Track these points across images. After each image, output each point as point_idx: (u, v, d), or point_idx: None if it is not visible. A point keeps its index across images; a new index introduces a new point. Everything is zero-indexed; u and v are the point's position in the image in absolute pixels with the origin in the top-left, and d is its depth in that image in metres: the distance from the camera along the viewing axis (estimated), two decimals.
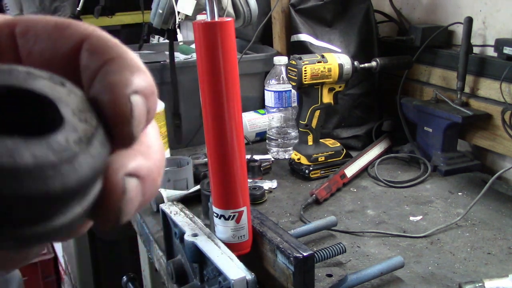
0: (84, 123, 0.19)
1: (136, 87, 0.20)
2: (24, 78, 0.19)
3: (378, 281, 0.80)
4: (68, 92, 0.20)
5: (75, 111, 0.19)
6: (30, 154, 0.17)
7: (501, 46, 1.13)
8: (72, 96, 0.20)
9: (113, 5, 2.54)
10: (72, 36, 0.21)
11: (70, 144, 0.18)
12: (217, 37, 0.69)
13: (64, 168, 0.18)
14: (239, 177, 0.76)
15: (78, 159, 0.18)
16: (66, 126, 0.19)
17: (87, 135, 0.19)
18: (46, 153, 0.17)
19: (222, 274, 0.69)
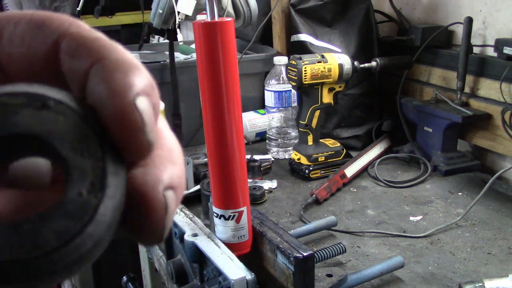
0: (89, 159, 0.18)
1: (137, 88, 0.18)
2: (3, 116, 0.17)
3: (378, 281, 0.80)
4: (55, 115, 0.17)
5: (73, 144, 0.17)
6: (53, 233, 0.17)
7: (501, 46, 1.13)
8: (62, 121, 0.17)
9: (113, 5, 2.54)
10: (46, 37, 0.18)
11: (86, 199, 0.17)
12: (217, 37, 0.69)
13: (89, 229, 0.17)
14: (239, 177, 0.76)
15: (100, 211, 0.17)
16: (73, 173, 0.17)
17: (98, 175, 0.17)
18: (66, 225, 0.17)
19: (222, 274, 0.69)
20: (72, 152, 0.17)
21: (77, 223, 0.17)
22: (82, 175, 0.17)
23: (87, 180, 0.17)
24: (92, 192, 0.17)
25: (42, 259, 0.16)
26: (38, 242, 0.16)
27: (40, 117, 0.17)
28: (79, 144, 0.18)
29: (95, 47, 0.18)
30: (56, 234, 0.17)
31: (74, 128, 0.18)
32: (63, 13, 1.51)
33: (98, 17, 2.21)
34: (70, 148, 0.17)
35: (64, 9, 2.55)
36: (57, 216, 0.17)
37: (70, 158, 0.17)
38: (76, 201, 0.17)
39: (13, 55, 0.19)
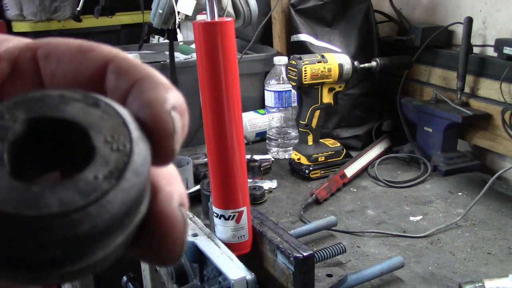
0: (117, 152, 0.19)
1: (174, 103, 0.20)
2: (56, 104, 0.19)
3: (378, 281, 0.80)
4: (101, 113, 0.19)
5: (107, 137, 0.19)
6: (56, 200, 0.17)
7: (501, 46, 1.13)
8: (106, 118, 0.19)
9: (113, 5, 2.54)
10: (95, 58, 0.21)
11: (99, 182, 0.18)
12: (217, 37, 0.69)
13: (92, 209, 0.17)
14: (239, 177, 0.76)
15: (108, 197, 0.18)
16: (97, 159, 0.18)
17: (118, 167, 0.18)
18: (72, 197, 0.17)
19: (222, 274, 0.69)
20: (103, 143, 0.19)
21: (82, 199, 0.17)
22: (104, 163, 0.18)
23: (107, 168, 0.18)
24: (107, 178, 0.18)
25: (36, 220, 0.17)
26: (39, 203, 0.17)
27: (88, 112, 0.19)
28: (112, 138, 0.19)
29: (139, 69, 0.20)
30: (59, 202, 0.17)
31: (112, 126, 0.19)
32: (63, 13, 1.52)
33: (98, 17, 2.21)
34: (103, 141, 0.19)
35: (64, 9, 2.55)
36: (67, 188, 0.18)
37: (100, 147, 0.19)
38: (89, 181, 0.18)
39: (58, 72, 0.21)
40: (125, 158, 0.19)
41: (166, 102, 0.20)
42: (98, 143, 0.19)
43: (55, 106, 0.19)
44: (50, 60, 0.21)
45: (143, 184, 0.19)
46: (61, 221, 0.17)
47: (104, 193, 0.18)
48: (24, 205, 0.17)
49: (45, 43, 0.22)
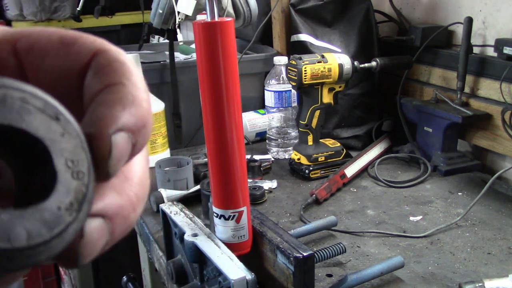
0: (76, 180, 0.19)
1: (122, 125, 0.19)
2: (18, 110, 0.19)
3: (378, 281, 0.80)
4: (62, 130, 0.19)
5: (68, 161, 0.19)
6: (25, 233, 0.18)
7: (501, 46, 1.13)
8: (66, 138, 0.19)
9: (113, 5, 2.54)
10: (80, 53, 0.20)
11: (62, 214, 0.19)
12: (217, 37, 0.69)
13: (54, 242, 0.18)
14: (239, 177, 0.76)
15: (68, 230, 0.19)
16: (59, 186, 0.19)
17: (78, 198, 0.19)
18: (39, 230, 0.18)
19: (222, 274, 0.69)
20: (65, 167, 0.19)
21: (48, 232, 0.18)
22: (66, 191, 0.19)
23: (68, 198, 0.19)
24: (69, 210, 0.19)
25: (5, 252, 0.17)
26: (10, 236, 0.18)
27: (49, 126, 0.19)
28: (72, 163, 0.19)
29: (119, 70, 0.20)
30: (28, 235, 0.18)
31: (73, 149, 0.19)
32: (63, 13, 1.51)
33: (98, 17, 2.21)
34: (64, 163, 0.19)
35: (64, 9, 2.55)
36: (34, 218, 0.18)
37: (61, 172, 0.19)
38: (54, 212, 0.18)
39: (44, 67, 0.21)
40: (84, 189, 0.19)
41: (113, 124, 0.19)
42: (59, 166, 0.19)
43: (17, 113, 0.19)
44: (33, 53, 0.21)
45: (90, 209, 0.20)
46: (27, 253, 0.18)
47: (67, 226, 0.19)
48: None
49: (25, 34, 0.21)
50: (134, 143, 0.20)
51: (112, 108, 0.19)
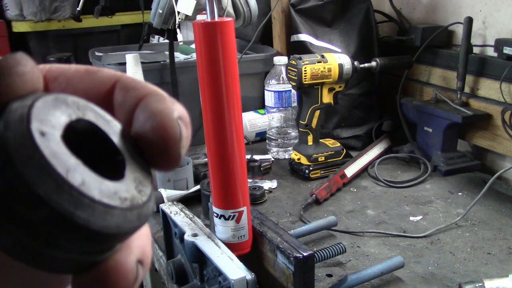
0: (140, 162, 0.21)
1: (179, 114, 0.22)
2: (94, 116, 0.21)
3: (378, 281, 0.80)
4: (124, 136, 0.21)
5: (136, 170, 0.21)
6: (129, 196, 0.20)
7: (501, 46, 1.13)
8: (127, 137, 0.21)
9: (113, 5, 2.54)
10: (104, 78, 0.22)
11: (143, 185, 0.21)
12: (217, 37, 0.69)
13: (146, 205, 0.20)
14: (239, 177, 0.76)
15: (151, 198, 0.21)
16: (128, 170, 0.21)
17: (145, 177, 0.21)
18: (136, 195, 0.20)
19: (222, 274, 0.69)
20: (125, 151, 0.21)
21: (141, 197, 0.20)
22: (134, 173, 0.21)
23: (137, 178, 0.21)
24: (143, 184, 0.21)
25: (120, 211, 0.19)
26: (120, 197, 0.19)
27: (122, 143, 0.21)
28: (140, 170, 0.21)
29: (144, 86, 0.22)
30: (131, 198, 0.20)
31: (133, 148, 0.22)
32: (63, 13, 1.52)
33: (98, 17, 2.21)
34: (123, 146, 0.21)
35: (64, 9, 2.55)
36: (128, 186, 0.20)
37: (126, 155, 0.21)
38: (136, 184, 0.21)
39: (67, 91, 0.22)
40: (150, 183, 0.21)
41: (174, 111, 0.21)
42: (121, 148, 0.21)
43: (94, 117, 0.21)
44: (60, 80, 0.22)
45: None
46: (134, 213, 0.20)
47: (150, 195, 0.21)
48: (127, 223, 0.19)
49: (55, 66, 0.23)
50: (187, 136, 0.22)
51: (164, 103, 0.21)
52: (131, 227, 0.19)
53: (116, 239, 0.20)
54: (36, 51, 2.62)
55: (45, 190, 0.17)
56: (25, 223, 0.17)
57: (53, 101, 0.20)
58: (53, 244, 0.18)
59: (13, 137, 0.17)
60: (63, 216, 0.17)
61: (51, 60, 2.22)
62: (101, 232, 0.18)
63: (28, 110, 0.18)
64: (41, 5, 2.50)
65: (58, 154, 0.18)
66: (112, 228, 0.19)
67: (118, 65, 1.43)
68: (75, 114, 0.20)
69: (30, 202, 0.17)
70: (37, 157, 0.17)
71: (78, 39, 2.69)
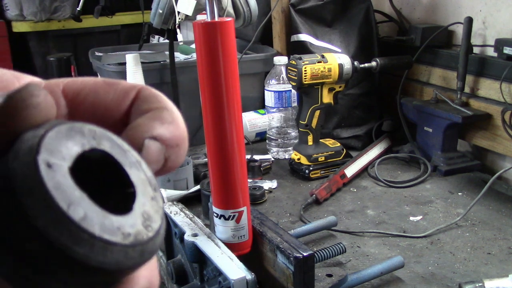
0: (151, 191, 0.21)
1: (157, 134, 0.22)
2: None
3: (378, 281, 0.80)
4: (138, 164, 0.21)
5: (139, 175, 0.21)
6: (133, 231, 0.19)
7: (501, 46, 1.13)
8: (144, 168, 0.21)
9: (113, 5, 2.54)
10: (126, 90, 0.23)
11: (152, 215, 0.21)
12: (217, 37, 0.69)
13: (154, 240, 0.20)
14: (239, 177, 0.76)
15: (160, 230, 0.21)
16: (139, 198, 0.21)
17: (156, 207, 0.21)
18: (142, 230, 0.20)
19: (222, 274, 0.69)
20: (139, 183, 0.21)
21: (147, 232, 0.20)
22: (144, 201, 0.21)
23: (147, 205, 0.21)
24: (156, 231, 0.21)
25: (122, 248, 0.19)
26: (124, 233, 0.19)
27: (138, 175, 0.21)
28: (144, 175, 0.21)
29: (163, 99, 0.23)
30: (135, 233, 0.20)
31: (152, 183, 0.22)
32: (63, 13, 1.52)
33: (98, 17, 2.21)
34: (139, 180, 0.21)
35: (64, 9, 2.55)
36: (134, 220, 0.20)
37: (139, 187, 0.21)
38: (144, 215, 0.21)
39: (86, 104, 0.23)
40: (162, 215, 0.21)
41: (150, 131, 0.21)
42: (136, 182, 0.21)
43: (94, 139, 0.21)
44: (83, 95, 0.23)
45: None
46: (137, 250, 0.19)
47: (159, 227, 0.21)
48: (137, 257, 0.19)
49: (71, 80, 0.23)
50: (167, 157, 0.22)
51: (151, 121, 0.22)
52: (132, 264, 0.19)
53: (117, 275, 0.19)
54: (36, 51, 2.62)
55: (43, 223, 0.17)
56: (24, 254, 0.17)
57: (67, 130, 0.19)
58: (52, 276, 0.18)
59: (19, 168, 0.17)
60: (60, 250, 0.17)
61: (51, 60, 2.22)
62: (100, 268, 0.18)
63: (39, 140, 0.18)
64: (41, 5, 2.50)
65: (63, 186, 0.18)
66: (112, 264, 0.18)
67: (118, 65, 1.43)
68: (90, 144, 0.20)
69: (29, 234, 0.17)
70: (39, 189, 0.17)
71: (78, 39, 2.69)
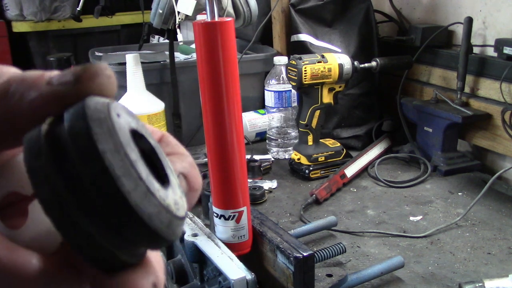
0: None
1: (186, 172, 0.27)
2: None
3: (378, 281, 0.80)
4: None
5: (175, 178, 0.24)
6: (173, 205, 0.21)
7: (501, 46, 1.13)
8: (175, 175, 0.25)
9: (113, 5, 2.54)
10: (153, 130, 0.27)
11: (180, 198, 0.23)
12: (217, 37, 0.69)
13: (182, 219, 0.22)
14: (239, 177, 0.76)
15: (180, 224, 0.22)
16: (172, 183, 0.23)
17: (181, 193, 0.23)
18: (179, 205, 0.22)
19: (222, 274, 0.69)
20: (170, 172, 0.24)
21: (182, 209, 0.23)
22: (175, 188, 0.23)
23: (177, 192, 0.23)
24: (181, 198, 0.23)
25: (166, 219, 0.20)
26: (169, 206, 0.21)
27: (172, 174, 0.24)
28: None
29: (180, 147, 0.29)
30: (175, 208, 0.22)
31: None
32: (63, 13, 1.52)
33: (98, 17, 2.21)
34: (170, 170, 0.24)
35: (64, 9, 2.55)
36: (173, 196, 0.22)
37: (171, 175, 0.24)
38: (177, 195, 0.23)
39: None
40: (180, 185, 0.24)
41: (178, 169, 0.27)
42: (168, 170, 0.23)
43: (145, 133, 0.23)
44: None
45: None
46: (175, 223, 0.21)
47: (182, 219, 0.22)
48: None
49: None
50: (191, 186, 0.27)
51: (180, 160, 0.28)
52: (169, 235, 0.21)
53: (158, 242, 0.21)
54: (36, 51, 2.62)
55: (126, 187, 0.19)
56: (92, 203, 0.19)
57: (127, 110, 0.22)
58: (111, 235, 0.19)
59: (94, 112, 0.19)
60: (129, 208, 0.19)
61: (51, 60, 2.22)
62: (156, 233, 0.20)
63: (109, 102, 0.20)
64: (41, 5, 2.50)
65: (126, 137, 0.20)
66: (164, 231, 0.20)
67: (118, 65, 1.43)
68: (142, 131, 0.22)
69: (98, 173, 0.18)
70: (109, 130, 0.19)
71: (78, 39, 2.69)
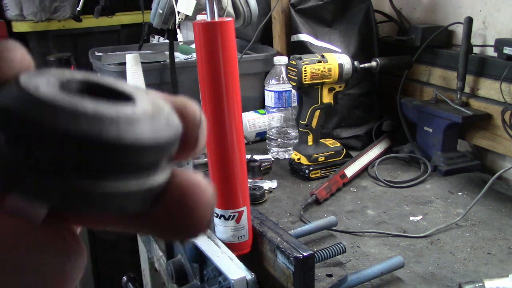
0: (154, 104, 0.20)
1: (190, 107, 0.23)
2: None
3: (378, 281, 0.80)
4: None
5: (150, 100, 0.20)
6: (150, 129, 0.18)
7: (501, 46, 1.13)
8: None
9: (113, 5, 2.54)
10: None
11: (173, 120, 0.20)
12: (217, 37, 0.69)
13: (173, 144, 0.19)
14: (239, 177, 0.76)
15: (171, 117, 0.19)
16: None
17: (156, 110, 0.19)
18: (163, 130, 0.19)
19: (222, 274, 0.69)
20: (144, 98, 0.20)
21: (169, 132, 0.19)
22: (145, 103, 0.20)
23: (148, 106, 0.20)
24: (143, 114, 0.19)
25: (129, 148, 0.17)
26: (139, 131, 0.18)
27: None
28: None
29: None
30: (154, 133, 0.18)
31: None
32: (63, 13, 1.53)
33: (98, 17, 2.21)
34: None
35: (64, 9, 2.54)
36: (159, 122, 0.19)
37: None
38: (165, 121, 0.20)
39: None
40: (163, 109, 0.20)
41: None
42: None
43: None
44: None
45: (173, 140, 0.19)
46: (153, 150, 0.18)
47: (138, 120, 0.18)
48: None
49: None
50: (196, 135, 0.23)
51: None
52: (166, 136, 0.18)
53: (157, 151, 0.18)
54: (36, 51, 2.62)
55: (62, 126, 0.16)
56: (65, 167, 0.16)
57: (40, 72, 0.19)
58: (99, 176, 0.17)
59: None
60: (92, 142, 0.16)
61: (51, 60, 2.22)
62: (137, 146, 0.17)
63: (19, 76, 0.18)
64: (41, 5, 2.50)
65: (60, 95, 0.17)
66: (145, 139, 0.17)
67: (118, 65, 1.43)
68: (76, 76, 0.19)
69: (57, 144, 0.16)
70: (39, 101, 0.17)
71: (78, 39, 2.69)
